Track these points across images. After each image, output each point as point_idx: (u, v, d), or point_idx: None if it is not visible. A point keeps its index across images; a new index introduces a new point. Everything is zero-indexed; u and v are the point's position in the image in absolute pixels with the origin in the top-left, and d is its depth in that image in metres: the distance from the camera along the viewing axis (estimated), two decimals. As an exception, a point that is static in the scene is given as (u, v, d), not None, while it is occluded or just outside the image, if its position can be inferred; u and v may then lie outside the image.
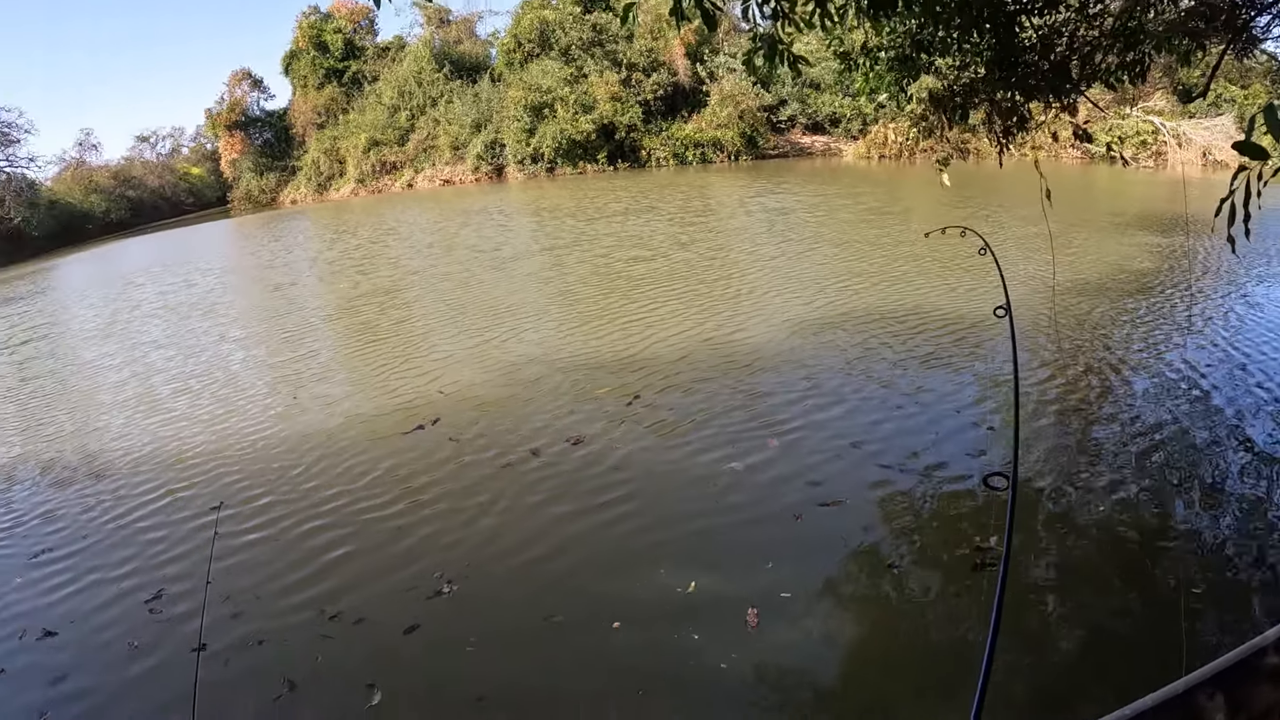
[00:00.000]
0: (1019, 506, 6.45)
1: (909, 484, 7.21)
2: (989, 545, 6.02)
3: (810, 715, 4.91)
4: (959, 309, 11.27)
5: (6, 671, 6.45)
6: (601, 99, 44.56)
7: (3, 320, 24.68)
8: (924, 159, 28.69)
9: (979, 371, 9.27)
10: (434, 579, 6.81)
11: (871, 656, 5.33)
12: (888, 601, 5.81)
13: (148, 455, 10.52)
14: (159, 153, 77.57)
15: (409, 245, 26.68)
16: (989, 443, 7.73)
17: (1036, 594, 5.57)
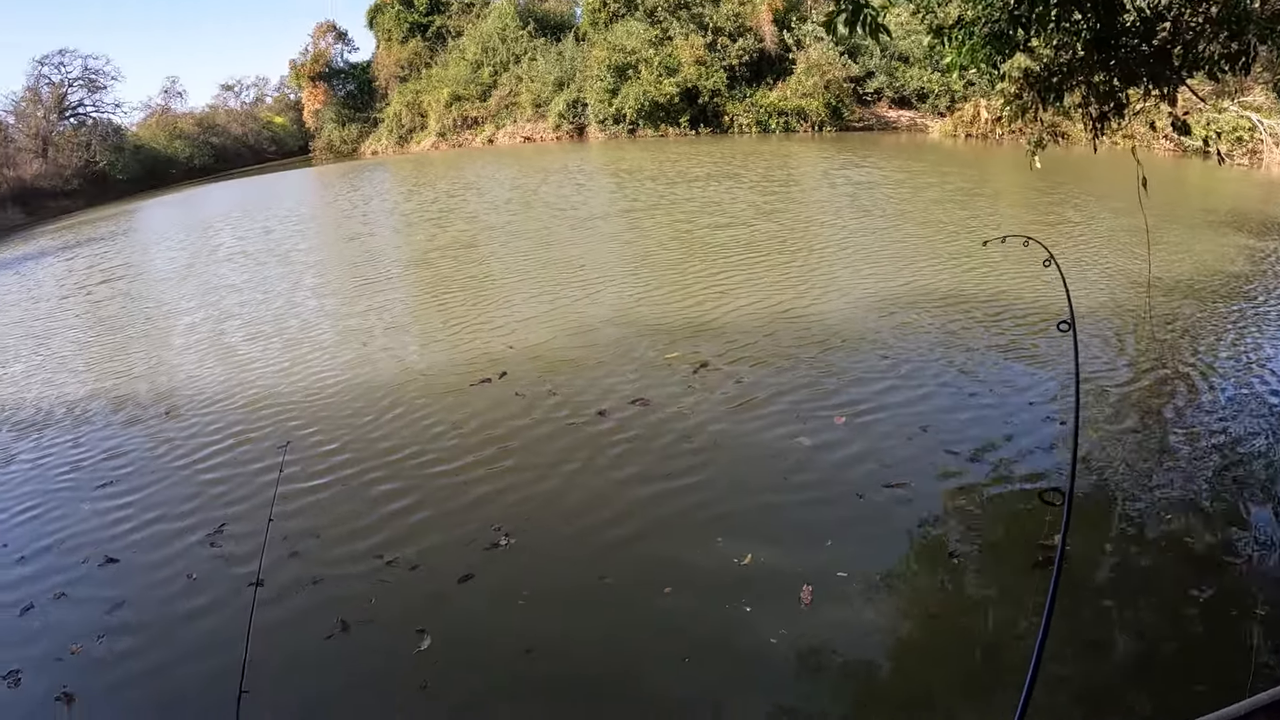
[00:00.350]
0: (1084, 508, 6.30)
1: (976, 473, 7.03)
2: (1053, 543, 5.83)
3: (854, 699, 4.86)
4: (1043, 299, 10.85)
5: (68, 596, 6.72)
6: (686, 62, 44.17)
7: (84, 260, 25.46)
8: (1011, 140, 27.85)
9: (1058, 365, 8.96)
10: (492, 531, 6.88)
11: (922, 646, 5.23)
12: (944, 591, 5.68)
13: (216, 397, 10.82)
14: (243, 101, 79.41)
15: (488, 201, 26.81)
16: (1062, 438, 7.47)
17: (1094, 600, 5.38)
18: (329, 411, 9.75)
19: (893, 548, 6.16)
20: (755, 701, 4.87)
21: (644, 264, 15.64)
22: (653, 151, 35.99)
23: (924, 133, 34.41)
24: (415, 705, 5.13)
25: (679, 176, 27.05)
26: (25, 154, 51.22)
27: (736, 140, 39.16)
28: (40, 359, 14.23)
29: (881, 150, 29.83)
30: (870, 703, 4.83)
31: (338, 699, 5.26)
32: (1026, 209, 17.26)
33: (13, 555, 7.44)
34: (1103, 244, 13.73)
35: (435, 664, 5.42)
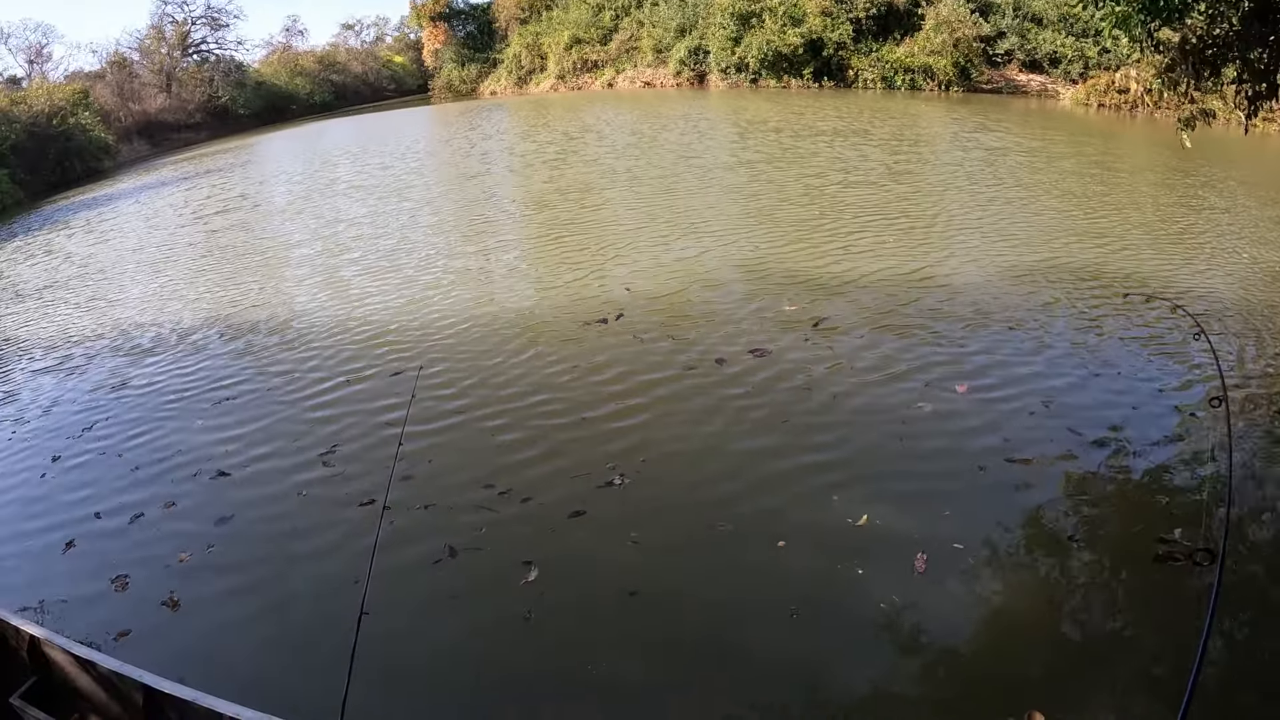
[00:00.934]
0: (1215, 501, 5.94)
1: (1099, 456, 6.70)
2: (1174, 538, 5.56)
3: (955, 676, 4.72)
4: (1183, 286, 10.24)
5: (178, 505, 6.99)
6: (811, 13, 43.10)
7: (203, 191, 26.41)
8: (1146, 114, 26.43)
9: (1190, 356, 8.42)
10: (606, 469, 6.91)
11: (1029, 629, 5.03)
12: (1058, 576, 5.49)
13: (331, 329, 11.12)
14: (363, 40, 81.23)
15: (607, 145, 26.77)
16: (1189, 429, 7.05)
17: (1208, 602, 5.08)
18: (446, 347, 9.90)
19: (1011, 524, 5.96)
20: (856, 665, 4.81)
21: (767, 218, 15.35)
22: (775, 102, 35.35)
23: (1054, 99, 32.82)
24: (516, 635, 5.20)
25: (804, 130, 26.51)
26: (150, 89, 53.33)
27: (860, 95, 38.13)
28: (157, 285, 14.89)
29: (1012, 115, 28.69)
30: (970, 681, 4.69)
31: (442, 625, 5.36)
32: (1166, 189, 16.28)
33: (128, 465, 7.77)
34: (1247, 234, 12.86)
35: (540, 596, 5.48)
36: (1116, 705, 4.37)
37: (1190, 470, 6.45)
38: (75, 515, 7.05)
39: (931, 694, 4.60)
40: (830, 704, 4.57)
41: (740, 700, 4.61)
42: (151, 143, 47.94)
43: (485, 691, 4.82)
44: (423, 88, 70.57)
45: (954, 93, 37.05)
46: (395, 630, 5.19)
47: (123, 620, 5.63)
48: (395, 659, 5.00)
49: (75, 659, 4.16)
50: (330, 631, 5.19)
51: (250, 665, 5.20)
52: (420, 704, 4.75)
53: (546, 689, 4.79)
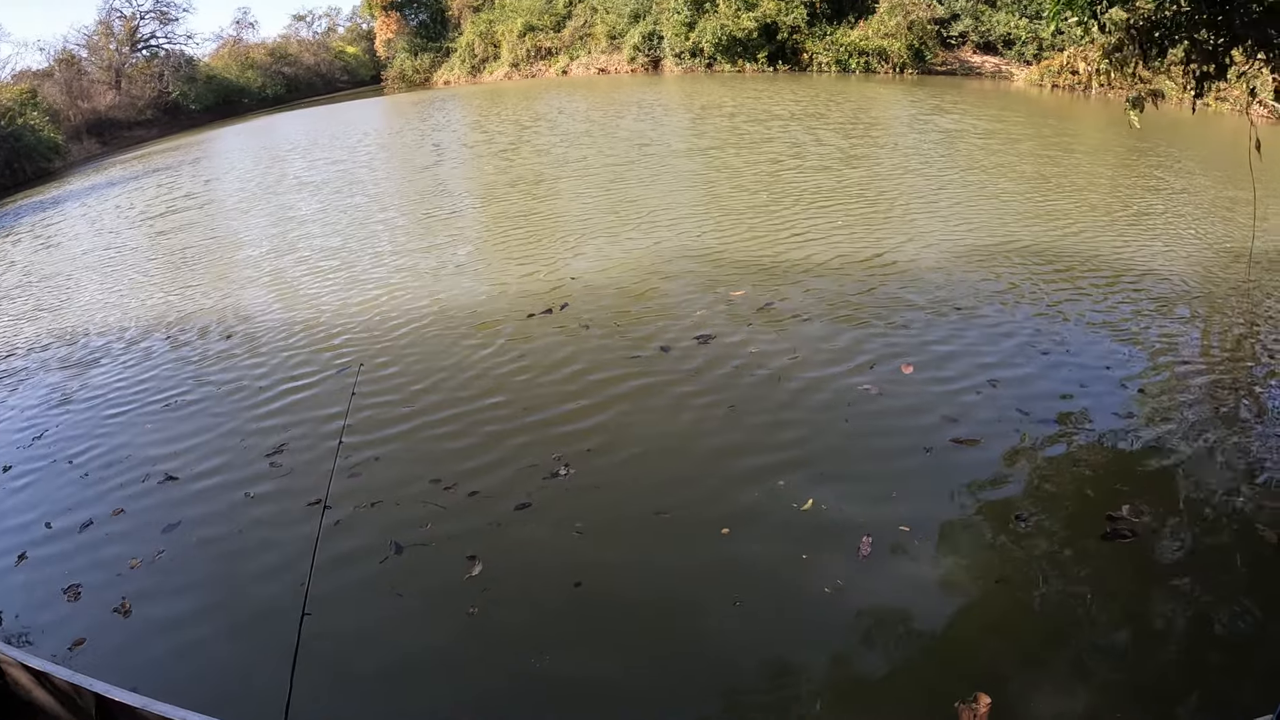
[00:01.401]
0: (1158, 474, 6.14)
1: (1046, 435, 6.80)
2: (1121, 515, 5.66)
3: (905, 662, 4.76)
4: (1133, 266, 10.30)
5: (127, 512, 7.03)
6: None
7: (151, 191, 26.19)
8: (1100, 94, 26.60)
9: (1140, 334, 8.49)
10: (552, 460, 6.97)
11: (979, 610, 5.09)
12: (1007, 555, 5.53)
13: (278, 326, 11.11)
14: (315, 32, 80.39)
15: (560, 134, 26.72)
16: (1137, 407, 7.17)
17: (1162, 574, 5.19)
18: (391, 344, 9.90)
19: (958, 504, 6.02)
20: (803, 650, 4.85)
21: (720, 205, 15.37)
22: (730, 88, 35.37)
23: (1008, 80, 32.98)
24: (461, 631, 5.25)
25: (760, 114, 26.52)
26: (99, 86, 52.60)
27: (815, 79, 38.18)
28: (103, 291, 14.72)
29: (967, 97, 28.83)
30: (919, 662, 4.74)
31: (388, 622, 5.39)
32: (1125, 169, 16.46)
33: (78, 473, 7.77)
34: (1203, 212, 13.02)
35: (484, 591, 5.53)
36: (1064, 685, 4.43)
37: (1136, 447, 6.56)
38: (27, 527, 7.02)
39: (877, 677, 4.66)
40: (774, 690, 4.62)
41: (686, 688, 4.67)
42: (102, 141, 47.26)
43: (430, 688, 4.86)
44: (376, 78, 70.00)
45: (908, 75, 37.24)
46: (341, 629, 5.23)
47: (78, 629, 5.63)
48: (340, 658, 5.03)
49: (30, 671, 4.17)
50: (277, 632, 5.26)
51: (200, 668, 5.22)
52: (365, 703, 4.78)
53: (492, 684, 4.83)
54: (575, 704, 4.68)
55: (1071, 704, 4.31)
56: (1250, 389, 7.49)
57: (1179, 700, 4.30)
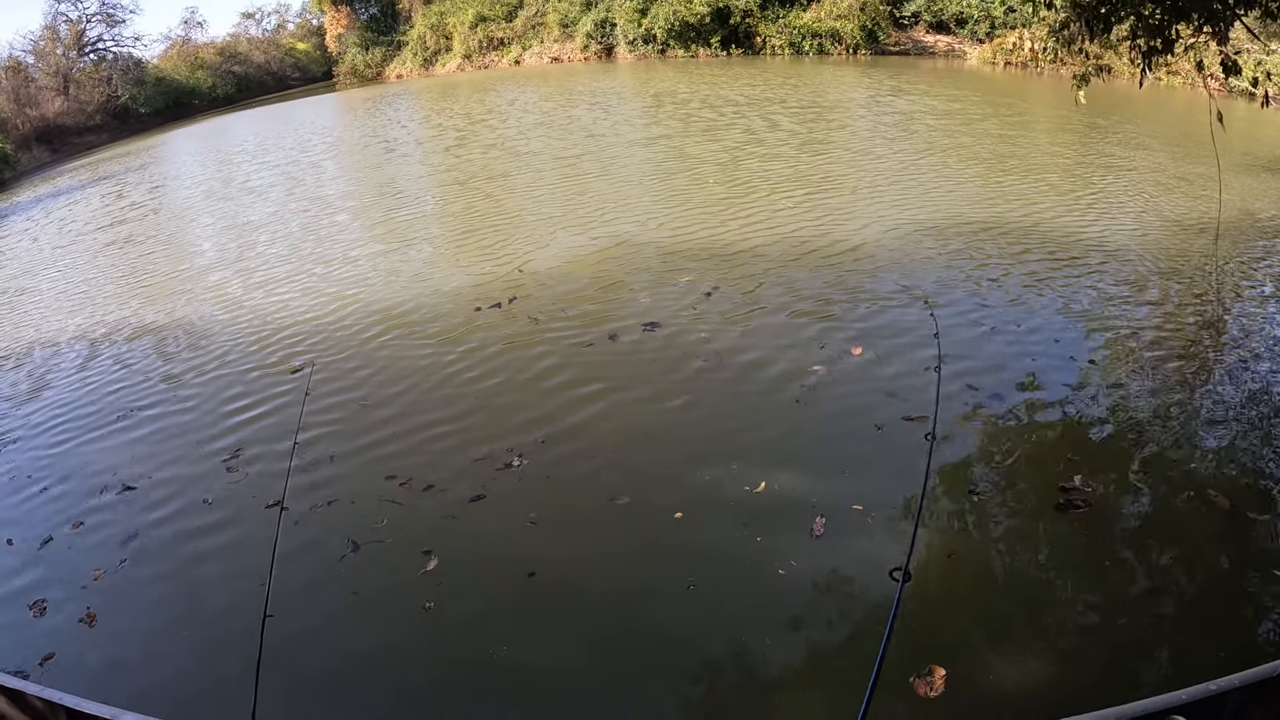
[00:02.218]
0: (1111, 444, 6.31)
1: (997, 409, 6.93)
2: (1074, 485, 5.79)
3: (860, 638, 4.82)
4: (1088, 243, 10.39)
5: (85, 525, 7.06)
6: (717, -20, 43.31)
7: (97, 201, 25.86)
8: (1052, 71, 26.82)
9: (1092, 308, 8.67)
10: (505, 452, 7.06)
11: (938, 585, 5.17)
12: (963, 529, 5.63)
13: (228, 329, 11.16)
14: (264, 29, 79.37)
15: (513, 126, 26.71)
16: (1088, 378, 7.34)
17: (1116, 542, 5.32)
18: (344, 340, 9.97)
19: (911, 482, 6.04)
20: (758, 634, 4.91)
21: (671, 193, 15.43)
22: (685, 73, 35.42)
23: (961, 60, 33.12)
24: (417, 626, 5.33)
25: (715, 100, 26.59)
26: (47, 92, 51.79)
27: (769, 62, 38.27)
28: (49, 306, 14.62)
29: (922, 77, 28.95)
30: (875, 639, 4.71)
31: (347, 621, 5.48)
32: (1080, 147, 16.59)
33: (36, 487, 7.78)
34: (1159, 187, 13.16)
35: (439, 585, 5.61)
36: (1021, 656, 4.53)
37: (1089, 418, 6.71)
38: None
39: (833, 654, 4.74)
40: (729, 671, 4.70)
41: (641, 672, 4.78)
42: (51, 149, 46.56)
43: (389, 684, 4.93)
44: (327, 74, 69.28)
45: (862, 56, 37.39)
46: (302, 631, 5.30)
47: (46, 644, 5.64)
48: (302, 661, 5.10)
49: (4, 691, 4.25)
50: (239, 636, 5.25)
51: (168, 675, 5.26)
52: (326, 702, 4.86)
53: (451, 676, 4.93)
54: (534, 692, 4.76)
55: (1029, 674, 4.42)
56: (1202, 358, 7.66)
57: (1135, 666, 4.41)
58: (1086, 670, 4.41)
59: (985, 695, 4.33)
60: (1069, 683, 4.34)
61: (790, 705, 4.48)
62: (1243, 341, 7.97)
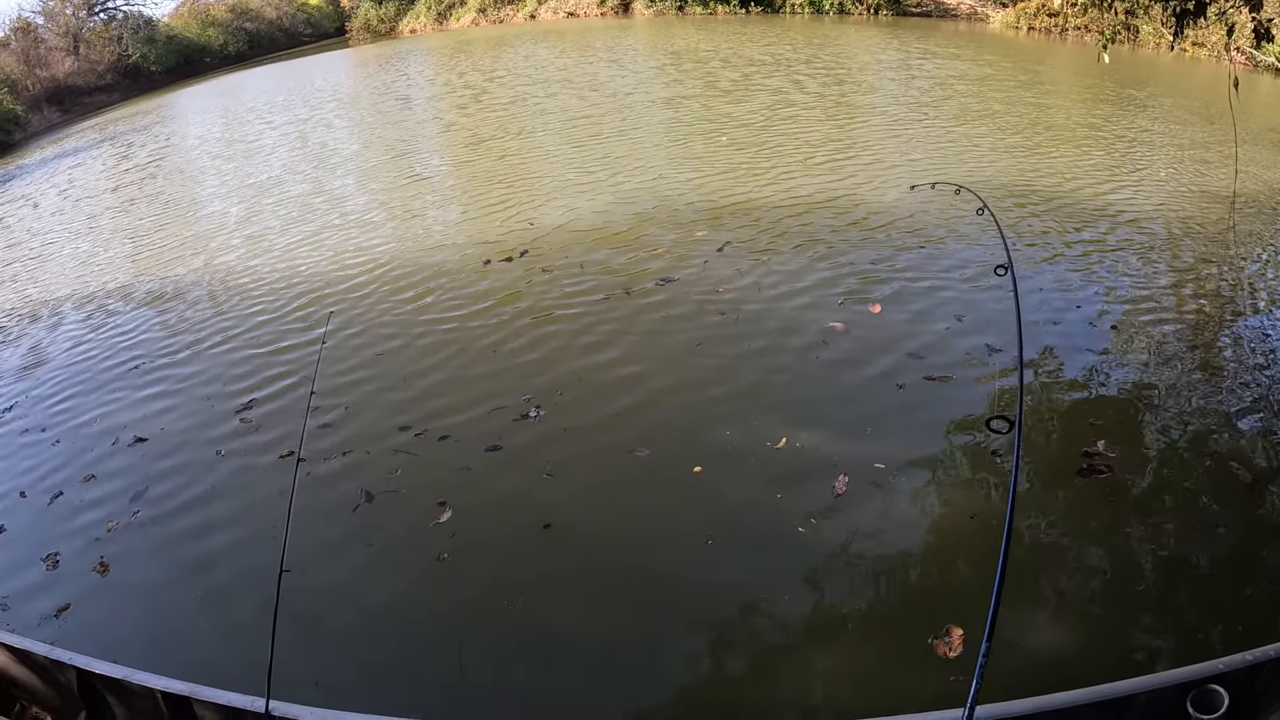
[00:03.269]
0: (1133, 411, 6.18)
1: (1019, 369, 6.79)
2: (1096, 450, 5.67)
3: (880, 599, 4.81)
4: (1112, 209, 10.13)
5: (97, 477, 7.08)
6: (739, -66, 42.55)
7: (109, 159, 25.87)
8: (1076, 37, 26.27)
9: (1109, 274, 8.47)
10: (523, 402, 7.04)
11: (957, 546, 5.11)
12: (985, 491, 5.55)
13: (241, 285, 11.15)
14: (276, -15, 78.82)
15: (529, 80, 26.50)
16: (1110, 343, 7.17)
17: (1136, 510, 5.21)
18: (358, 297, 9.94)
19: (933, 441, 6.02)
20: (776, 591, 4.87)
21: (688, 151, 15.29)
22: (703, 30, 34.88)
23: (984, 23, 32.42)
24: (431, 578, 5.34)
25: (735, 58, 26.13)
26: (57, 53, 51.66)
27: (789, 20, 37.51)
28: (64, 262, 14.75)
29: (945, 40, 28.26)
30: (894, 599, 4.81)
31: (360, 572, 5.49)
32: (1111, 115, 15.88)
33: (49, 441, 7.83)
34: (1183, 156, 12.73)
35: (453, 536, 5.61)
36: (1039, 618, 4.48)
37: (1110, 384, 6.60)
38: (2, 498, 7.09)
39: (852, 614, 4.70)
40: (745, 628, 4.68)
41: (658, 629, 4.75)
42: (62, 109, 46.54)
43: (402, 638, 4.94)
44: (340, 30, 68.75)
45: (883, 16, 36.61)
46: (315, 583, 5.28)
47: (61, 596, 5.69)
48: (313, 612, 5.08)
49: (8, 649, 4.20)
50: (254, 589, 5.30)
51: (182, 629, 5.29)
52: (339, 656, 4.87)
53: (465, 629, 4.91)
54: (548, 645, 4.75)
55: (1047, 636, 4.37)
56: (1223, 329, 7.51)
57: (1152, 633, 4.37)
58: (1102, 637, 4.36)
59: (1003, 658, 4.10)
60: (1086, 649, 4.30)
61: (807, 663, 4.45)
62: (1266, 313, 7.80)
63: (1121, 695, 3.00)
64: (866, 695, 4.15)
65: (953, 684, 4.07)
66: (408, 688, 4.61)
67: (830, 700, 4.23)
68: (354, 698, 4.41)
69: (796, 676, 4.39)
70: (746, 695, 4.34)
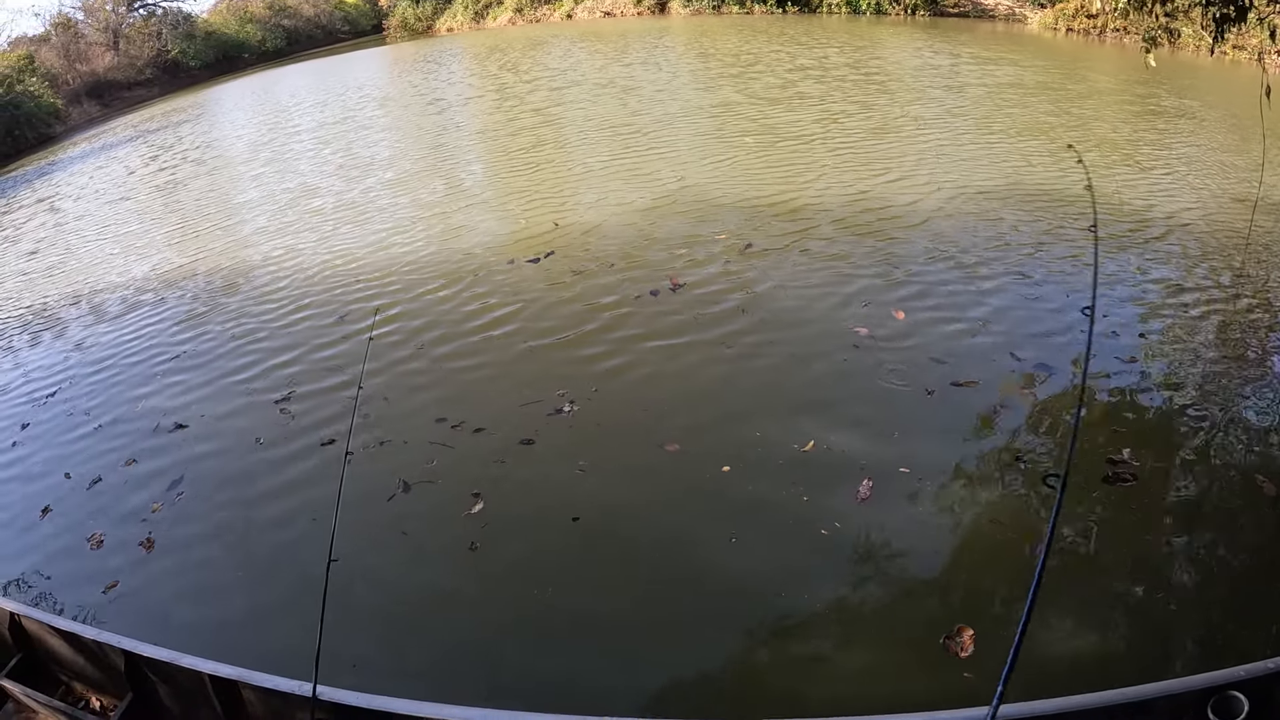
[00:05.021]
0: (1158, 420, 6.22)
1: (1045, 378, 6.80)
2: (1122, 459, 5.71)
3: (898, 602, 4.87)
4: (1143, 215, 10.12)
5: (138, 461, 7.37)
6: (776, -66, 42.42)
7: (150, 151, 26.27)
8: (1115, 39, 25.96)
9: (1135, 281, 8.45)
10: (557, 397, 7.21)
11: (980, 554, 5.16)
12: (1009, 496, 5.60)
13: (285, 279, 11.40)
14: (315, -17, 79.48)
15: (567, 79, 26.64)
16: (1137, 351, 7.16)
17: (1160, 519, 5.24)
18: (397, 291, 10.16)
19: (959, 447, 6.07)
20: (797, 593, 4.97)
21: (719, 154, 15.40)
22: (740, 30, 34.79)
23: (1021, 23, 32.12)
24: (462, 566, 5.52)
25: (771, 59, 26.12)
26: (97, 48, 52.51)
27: (825, 20, 37.30)
28: (108, 251, 15.14)
29: (984, 41, 27.98)
30: (912, 603, 4.85)
31: (395, 560, 5.68)
32: (1143, 117, 16.02)
33: (92, 425, 8.14)
34: (1216, 162, 12.66)
35: (485, 526, 5.79)
36: (1057, 625, 4.50)
37: (1135, 392, 6.60)
38: (48, 479, 7.37)
39: (869, 616, 4.78)
40: (762, 625, 4.77)
41: (678, 624, 4.87)
42: (102, 103, 47.30)
43: (435, 625, 5.11)
44: (377, 27, 69.26)
45: (920, 17, 36.38)
46: (350, 568, 5.36)
47: (108, 575, 5.94)
48: (351, 597, 5.21)
49: (56, 632, 4.35)
50: (295, 573, 5.58)
51: (226, 615, 5.46)
52: (372, 642, 5.02)
53: (495, 618, 5.06)
54: (573, 635, 4.89)
55: (1066, 640, 4.43)
56: (1251, 339, 7.46)
57: (1169, 644, 4.42)
58: (1120, 643, 4.43)
59: (1022, 660, 4.29)
60: (1102, 654, 4.36)
61: (823, 666, 4.54)
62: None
63: (1142, 699, 3.05)
64: (879, 693, 4.25)
65: (966, 682, 4.18)
66: (439, 672, 4.79)
67: (844, 696, 4.29)
68: (386, 680, 4.50)
69: (814, 672, 4.51)
70: (764, 688, 4.45)
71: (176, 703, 4.09)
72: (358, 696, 3.58)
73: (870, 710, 3.39)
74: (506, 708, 3.39)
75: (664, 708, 4.39)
